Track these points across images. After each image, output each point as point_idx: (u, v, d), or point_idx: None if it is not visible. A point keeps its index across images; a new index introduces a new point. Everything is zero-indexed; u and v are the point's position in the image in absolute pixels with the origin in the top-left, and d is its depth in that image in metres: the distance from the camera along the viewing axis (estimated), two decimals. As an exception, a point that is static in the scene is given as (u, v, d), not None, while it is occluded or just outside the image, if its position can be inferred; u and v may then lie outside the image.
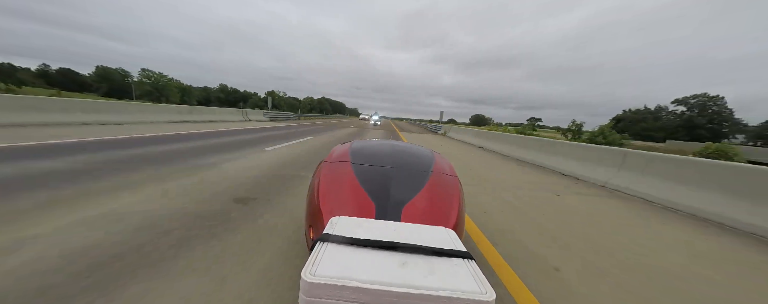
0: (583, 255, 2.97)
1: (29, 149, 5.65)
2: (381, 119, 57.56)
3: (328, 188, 1.68)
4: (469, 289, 0.87)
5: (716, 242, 3.67)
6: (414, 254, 1.07)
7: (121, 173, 4.55)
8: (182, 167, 5.26)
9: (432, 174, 1.88)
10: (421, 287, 0.87)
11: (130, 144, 7.29)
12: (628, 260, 2.92)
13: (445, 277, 0.94)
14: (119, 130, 9.98)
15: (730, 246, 3.54)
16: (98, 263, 2.14)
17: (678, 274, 2.73)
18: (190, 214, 3.18)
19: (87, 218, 2.91)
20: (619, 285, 2.45)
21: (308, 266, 0.91)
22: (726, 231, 4.05)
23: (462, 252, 1.11)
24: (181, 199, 3.61)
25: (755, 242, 3.69)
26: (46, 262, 2.12)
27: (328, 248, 1.05)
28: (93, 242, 2.45)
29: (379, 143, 2.59)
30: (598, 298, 2.25)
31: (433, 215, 1.55)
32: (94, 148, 6.34)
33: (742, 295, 2.46)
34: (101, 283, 1.94)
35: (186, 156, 6.38)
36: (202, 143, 8.56)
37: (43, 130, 8.33)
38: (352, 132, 20.76)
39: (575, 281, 2.46)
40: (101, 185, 3.91)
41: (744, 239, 3.77)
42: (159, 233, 2.68)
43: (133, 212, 3.10)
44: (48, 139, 6.82)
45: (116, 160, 5.41)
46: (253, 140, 10.39)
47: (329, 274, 0.88)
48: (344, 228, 1.21)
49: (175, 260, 2.27)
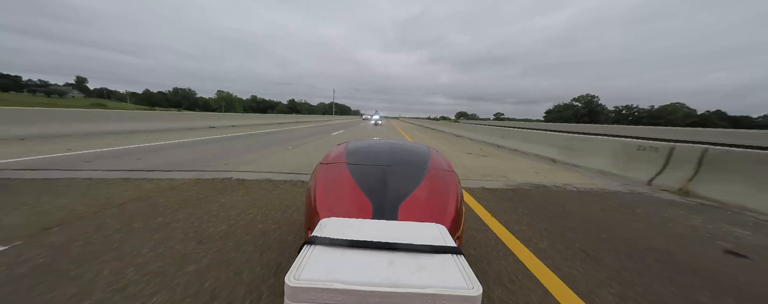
0: (465, 168, 4.85)
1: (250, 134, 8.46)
2: (382, 119, 46.63)
3: (324, 190, 1.45)
4: (455, 284, 0.75)
5: (540, 162, 5.90)
6: (402, 252, 0.92)
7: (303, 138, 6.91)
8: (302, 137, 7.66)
9: (428, 170, 1.64)
10: (408, 285, 0.74)
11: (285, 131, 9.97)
12: (494, 168, 4.93)
13: (432, 274, 0.80)
14: (262, 127, 15.01)
15: (545, 164, 5.70)
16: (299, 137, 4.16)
17: (519, 169, 4.67)
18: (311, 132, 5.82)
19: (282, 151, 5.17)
20: (483, 175, 4.26)
21: (292, 270, 0.77)
22: (546, 161, 6.28)
23: (451, 248, 0.95)
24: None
25: (561, 166, 5.78)
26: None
27: (315, 250, 0.89)
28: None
29: (375, 143, 2.25)
30: (469, 176, 3.99)
31: (430, 212, 1.34)
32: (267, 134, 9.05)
33: (534, 172, 4.40)
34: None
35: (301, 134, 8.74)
36: (310, 126, 12.92)
37: (246, 129, 13.25)
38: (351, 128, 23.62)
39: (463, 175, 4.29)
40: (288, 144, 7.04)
41: (554, 165, 5.88)
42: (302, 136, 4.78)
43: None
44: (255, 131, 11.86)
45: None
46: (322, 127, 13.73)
47: (314, 277, 0.74)
48: (333, 230, 1.03)
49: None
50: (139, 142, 6.73)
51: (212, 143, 7.17)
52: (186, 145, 6.80)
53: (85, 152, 5.14)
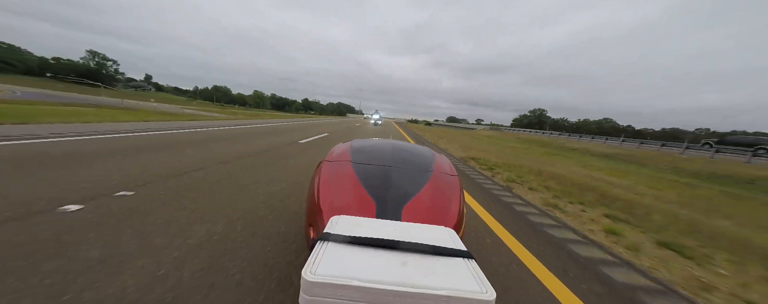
0: (444, 140, 17.13)
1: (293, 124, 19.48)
2: (382, 119, 40.06)
3: (328, 187, 1.33)
4: (469, 288, 0.69)
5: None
6: (414, 253, 0.85)
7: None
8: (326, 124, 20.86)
9: (432, 173, 1.50)
10: (422, 286, 0.68)
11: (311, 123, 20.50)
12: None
13: (445, 276, 0.74)
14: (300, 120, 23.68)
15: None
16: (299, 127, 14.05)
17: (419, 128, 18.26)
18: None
19: (325, 132, 14.90)
20: (448, 140, 15.51)
21: (309, 265, 0.72)
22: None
23: (462, 252, 0.87)
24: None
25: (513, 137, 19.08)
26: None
27: (329, 247, 0.83)
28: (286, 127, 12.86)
29: (379, 142, 2.08)
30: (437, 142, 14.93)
31: (434, 215, 1.23)
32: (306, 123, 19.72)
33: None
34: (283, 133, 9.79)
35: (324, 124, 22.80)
36: (332, 122, 24.26)
37: (308, 120, 24.13)
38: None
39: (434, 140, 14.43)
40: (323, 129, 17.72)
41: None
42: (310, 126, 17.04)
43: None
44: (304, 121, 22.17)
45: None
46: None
47: (330, 273, 0.70)
48: (344, 227, 0.96)
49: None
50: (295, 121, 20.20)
51: (318, 121, 20.29)
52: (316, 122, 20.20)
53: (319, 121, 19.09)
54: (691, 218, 4.04)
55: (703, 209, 5.43)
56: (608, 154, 20.15)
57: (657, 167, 15.67)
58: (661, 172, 13.56)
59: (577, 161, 13.17)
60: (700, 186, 9.72)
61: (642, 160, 17.67)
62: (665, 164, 16.22)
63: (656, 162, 16.65)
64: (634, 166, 15.63)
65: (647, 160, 17.54)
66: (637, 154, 19.64)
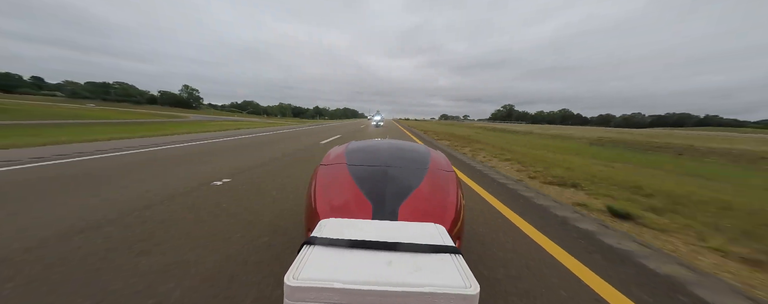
0: (431, 131, 18.82)
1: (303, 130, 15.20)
2: (383, 119, 35.38)
3: (324, 191, 1.20)
4: (453, 283, 0.62)
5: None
6: (401, 252, 0.75)
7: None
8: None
9: (428, 171, 1.34)
10: (406, 284, 0.61)
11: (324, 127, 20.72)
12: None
13: (430, 273, 0.66)
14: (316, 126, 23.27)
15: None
16: (307, 132, 12.23)
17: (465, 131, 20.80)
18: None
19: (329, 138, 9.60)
20: (437, 133, 14.87)
21: (292, 269, 0.63)
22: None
23: (449, 247, 0.78)
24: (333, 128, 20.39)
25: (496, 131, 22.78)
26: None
27: (314, 250, 0.74)
28: (294, 133, 11.32)
29: (374, 143, 1.84)
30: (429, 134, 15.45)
31: (430, 212, 1.11)
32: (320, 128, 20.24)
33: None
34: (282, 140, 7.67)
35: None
36: (346, 123, 29.52)
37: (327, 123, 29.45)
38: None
39: (430, 134, 15.01)
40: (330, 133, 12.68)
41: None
42: (325, 129, 17.46)
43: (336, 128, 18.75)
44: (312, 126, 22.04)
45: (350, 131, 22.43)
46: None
47: (313, 277, 0.62)
48: (332, 230, 0.85)
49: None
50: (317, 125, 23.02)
51: (338, 123, 23.56)
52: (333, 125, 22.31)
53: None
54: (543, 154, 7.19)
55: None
56: (525, 131, 26.42)
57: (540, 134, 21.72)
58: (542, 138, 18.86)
59: (499, 137, 16.48)
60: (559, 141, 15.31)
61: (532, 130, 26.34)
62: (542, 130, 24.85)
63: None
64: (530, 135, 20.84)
65: (537, 129, 26.86)
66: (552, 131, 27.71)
